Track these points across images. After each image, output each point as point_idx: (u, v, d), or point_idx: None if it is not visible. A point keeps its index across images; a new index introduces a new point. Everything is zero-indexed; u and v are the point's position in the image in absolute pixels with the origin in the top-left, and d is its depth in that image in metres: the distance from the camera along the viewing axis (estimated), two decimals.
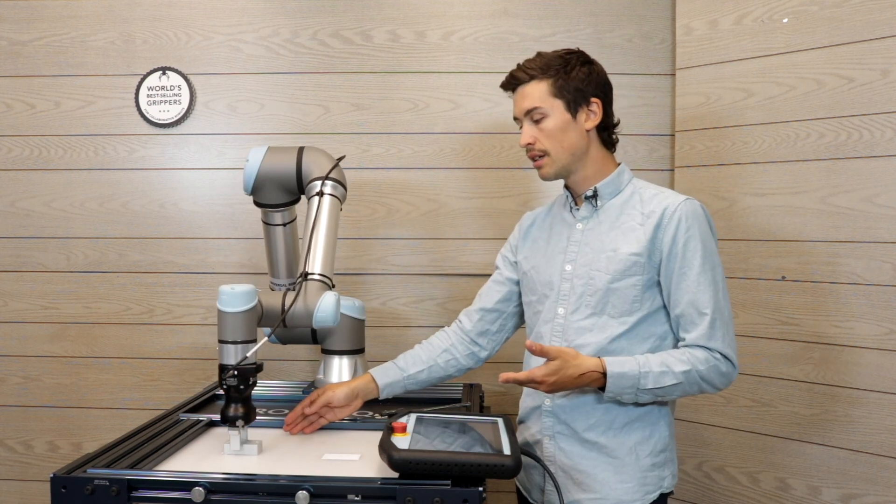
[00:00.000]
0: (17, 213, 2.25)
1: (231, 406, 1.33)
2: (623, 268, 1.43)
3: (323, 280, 1.48)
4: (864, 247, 1.77)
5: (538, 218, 1.65)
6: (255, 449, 1.37)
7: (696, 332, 1.40)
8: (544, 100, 1.45)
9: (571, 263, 1.50)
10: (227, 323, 1.32)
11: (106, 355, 2.25)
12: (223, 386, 1.33)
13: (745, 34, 1.95)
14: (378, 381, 1.56)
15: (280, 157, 1.62)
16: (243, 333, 1.33)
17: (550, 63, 1.46)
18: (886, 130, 1.73)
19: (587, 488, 1.45)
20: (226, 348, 1.32)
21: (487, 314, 1.65)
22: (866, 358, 1.78)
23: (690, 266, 1.41)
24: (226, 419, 1.34)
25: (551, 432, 1.49)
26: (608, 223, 1.49)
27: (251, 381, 1.33)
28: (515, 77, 1.49)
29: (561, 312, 1.49)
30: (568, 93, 1.45)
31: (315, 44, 2.20)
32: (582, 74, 1.46)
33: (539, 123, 1.46)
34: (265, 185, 1.63)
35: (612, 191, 1.51)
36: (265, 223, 1.73)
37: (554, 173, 1.49)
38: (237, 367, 1.31)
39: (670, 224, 1.42)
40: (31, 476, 2.28)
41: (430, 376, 1.62)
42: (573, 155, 1.48)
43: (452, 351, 1.64)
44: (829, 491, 1.84)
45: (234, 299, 1.32)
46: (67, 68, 2.23)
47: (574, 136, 1.47)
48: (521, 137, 1.50)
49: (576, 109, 1.46)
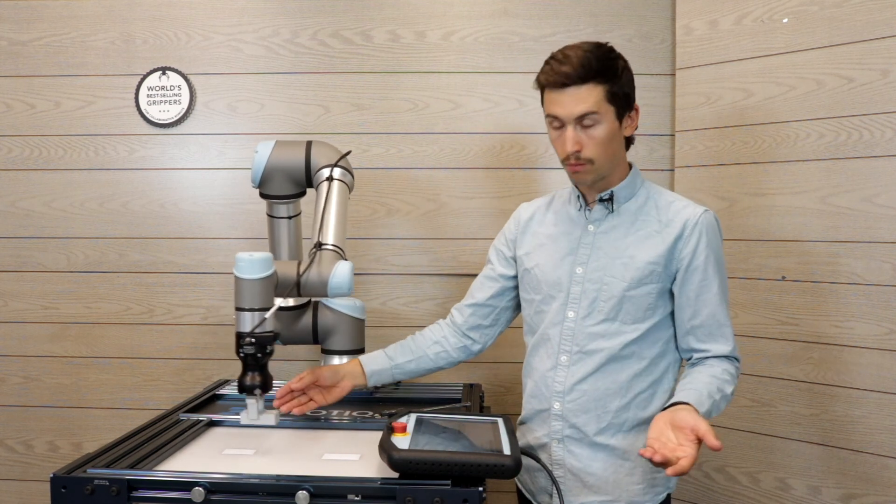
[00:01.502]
0: (17, 213, 2.25)
1: (248, 374, 1.33)
2: (640, 276, 1.42)
3: (336, 250, 1.49)
4: (864, 247, 1.77)
5: (537, 212, 1.60)
6: (272, 417, 1.37)
7: (722, 346, 1.43)
8: (600, 105, 1.35)
9: (583, 266, 1.47)
10: (244, 289, 1.32)
11: (106, 355, 2.25)
12: (240, 354, 1.33)
13: (745, 34, 1.95)
14: (365, 368, 1.56)
15: (289, 150, 1.65)
16: (260, 300, 1.33)
17: (605, 65, 1.36)
18: (886, 130, 1.73)
19: (598, 490, 1.45)
20: (242, 315, 1.33)
21: (479, 309, 1.62)
22: (866, 358, 1.78)
23: (712, 280, 1.42)
24: (243, 388, 1.33)
25: (560, 436, 1.48)
26: (623, 228, 1.46)
27: (268, 350, 1.34)
28: (567, 76, 1.34)
29: (571, 316, 1.47)
30: (620, 99, 1.38)
31: (315, 44, 2.20)
32: (627, 78, 1.40)
33: (589, 129, 1.37)
34: (273, 176, 1.65)
35: (628, 194, 1.48)
36: (270, 216, 1.74)
37: (592, 180, 1.43)
38: (253, 333, 1.31)
39: (692, 237, 1.42)
40: (31, 476, 2.28)
41: (418, 367, 1.61)
42: (613, 163, 1.42)
43: (443, 343, 1.62)
44: (829, 491, 1.84)
45: (252, 266, 1.32)
46: (67, 68, 2.23)
47: (618, 144, 1.42)
48: (565, 142, 1.38)
49: (622, 117, 1.40)
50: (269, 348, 1.34)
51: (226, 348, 2.23)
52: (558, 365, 1.47)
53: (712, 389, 1.36)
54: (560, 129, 1.39)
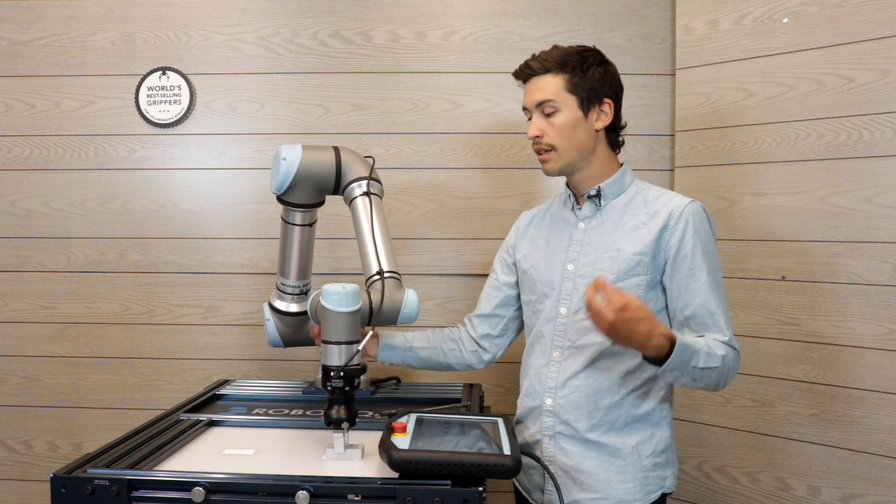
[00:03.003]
0: (17, 213, 2.25)
1: (334, 408, 1.31)
2: (627, 267, 1.44)
3: (395, 276, 1.46)
4: (864, 247, 1.77)
5: (536, 217, 1.65)
6: (358, 454, 1.33)
7: (717, 335, 1.42)
8: (558, 94, 1.45)
9: (573, 263, 1.50)
10: (334, 323, 1.29)
11: (106, 355, 2.25)
12: (327, 388, 1.31)
13: (745, 34, 1.95)
14: (381, 340, 1.60)
15: (318, 156, 1.55)
16: (348, 334, 1.30)
17: (568, 58, 1.45)
18: (886, 130, 1.73)
19: (588, 488, 1.45)
20: (330, 349, 1.30)
21: (487, 319, 1.67)
22: (866, 358, 1.78)
23: (700, 268, 1.42)
24: (330, 421, 1.31)
25: (552, 432, 1.49)
26: (611, 223, 1.49)
27: (356, 383, 1.32)
28: (530, 67, 1.47)
29: (563, 312, 1.49)
30: (582, 90, 1.45)
31: (315, 44, 2.20)
32: (598, 74, 1.46)
33: (550, 117, 1.46)
34: (300, 184, 1.54)
35: (616, 191, 1.51)
36: (284, 221, 1.67)
37: (558, 169, 1.49)
38: (344, 367, 1.29)
39: (677, 226, 1.43)
40: (31, 476, 2.28)
41: (430, 356, 1.66)
42: (580, 153, 1.48)
43: (459, 343, 1.67)
44: (829, 491, 1.84)
45: (344, 299, 1.29)
46: (67, 68, 2.23)
47: (583, 135, 1.47)
48: (529, 129, 1.48)
49: (588, 108, 1.46)
50: (356, 381, 1.31)
51: (226, 348, 2.23)
52: (551, 361, 1.49)
53: (700, 341, 1.35)
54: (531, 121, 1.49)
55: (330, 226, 2.15)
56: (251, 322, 2.22)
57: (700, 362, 1.33)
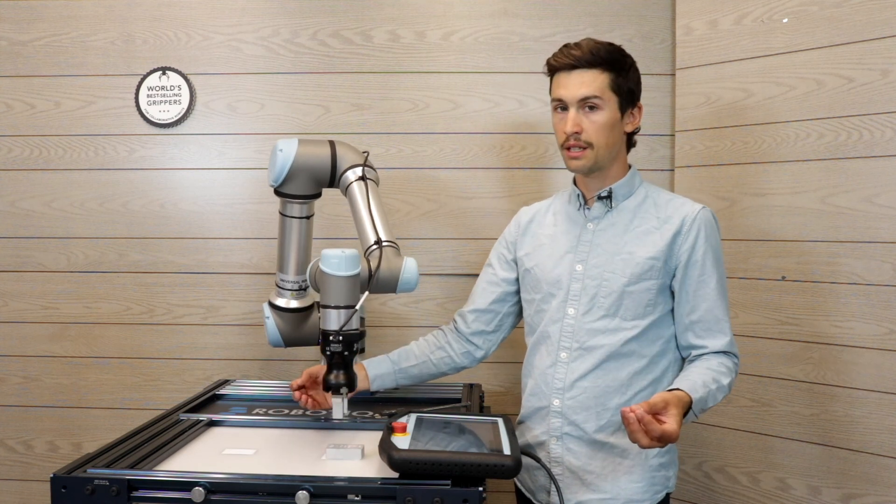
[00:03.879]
0: (17, 213, 2.25)
1: (333, 372, 1.32)
2: (640, 271, 1.44)
3: (394, 245, 1.47)
4: (864, 247, 1.77)
5: (538, 213, 1.62)
6: (358, 453, 1.33)
7: (721, 340, 1.44)
8: (604, 91, 1.42)
9: (582, 263, 1.49)
10: (333, 287, 1.30)
11: (106, 355, 2.25)
12: (326, 352, 1.31)
13: (745, 34, 1.95)
14: (369, 372, 1.58)
15: (314, 149, 1.59)
16: (347, 298, 1.31)
17: (613, 56, 1.43)
18: (886, 130, 1.73)
19: (597, 489, 1.45)
20: (328, 313, 1.31)
21: (482, 315, 1.64)
22: (866, 358, 1.78)
23: (710, 275, 1.44)
24: (329, 386, 1.32)
25: (559, 433, 1.48)
26: (622, 225, 1.48)
27: (355, 348, 1.32)
28: (576, 58, 1.41)
29: (571, 313, 1.48)
30: (624, 91, 1.44)
31: (315, 44, 2.20)
32: (635, 77, 1.46)
33: (591, 114, 1.42)
34: (297, 175, 1.58)
35: (626, 192, 1.51)
36: (282, 214, 1.69)
37: (588, 167, 1.46)
38: (341, 331, 1.30)
39: (690, 232, 1.43)
40: (31, 476, 2.28)
41: (421, 372, 1.63)
42: (610, 153, 1.46)
43: (447, 349, 1.64)
44: (829, 491, 1.84)
45: (343, 263, 1.30)
46: (67, 68, 2.23)
47: (617, 136, 1.46)
48: (564, 123, 1.43)
49: (625, 110, 1.45)
50: (356, 346, 1.32)
51: (226, 348, 2.23)
52: (558, 361, 1.48)
53: (707, 379, 1.37)
54: (563, 113, 1.45)
55: (329, 226, 2.15)
56: (251, 322, 2.22)
57: (709, 402, 1.37)
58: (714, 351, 1.45)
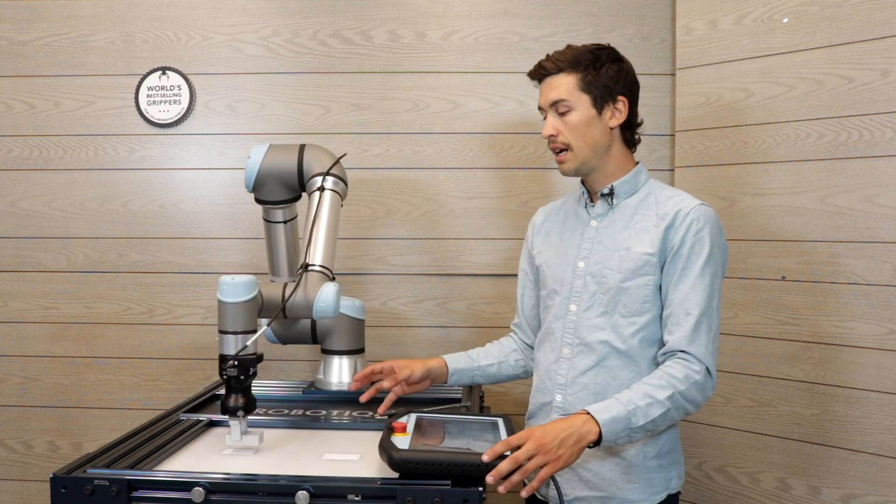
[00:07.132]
0: (17, 213, 2.25)
1: (231, 396, 1.33)
2: (635, 267, 1.43)
3: (323, 271, 1.48)
4: (864, 247, 1.77)
5: (551, 213, 1.65)
6: (256, 439, 1.37)
7: (678, 334, 1.38)
8: (571, 93, 1.45)
9: (584, 260, 1.50)
10: (227, 313, 1.32)
11: (106, 355, 2.25)
12: (223, 376, 1.33)
13: (745, 34, 1.95)
14: (449, 366, 1.61)
15: (281, 154, 1.63)
16: (243, 324, 1.33)
17: (581, 57, 1.45)
18: (886, 130, 1.73)
19: (594, 487, 1.45)
20: (226, 339, 1.33)
21: (533, 321, 1.68)
22: (866, 358, 1.77)
23: (692, 268, 1.40)
24: (226, 410, 1.34)
25: None
26: (622, 222, 1.49)
27: (251, 372, 1.33)
28: (544, 67, 1.48)
29: (573, 309, 1.49)
30: (596, 89, 1.45)
31: (315, 44, 2.20)
32: (611, 72, 1.46)
33: (564, 116, 1.46)
34: (267, 181, 1.63)
35: (629, 189, 1.51)
36: (266, 220, 1.73)
37: (574, 169, 1.48)
38: (237, 356, 1.31)
39: (681, 226, 1.42)
40: (31, 476, 2.28)
41: (499, 371, 1.68)
42: (595, 151, 1.47)
43: (520, 353, 1.69)
44: (829, 491, 1.84)
45: (235, 289, 1.32)
46: (67, 68, 2.23)
47: (597, 133, 1.47)
48: (544, 128, 1.49)
49: (602, 106, 1.46)
50: (252, 370, 1.34)
51: None
52: (561, 357, 1.50)
53: (633, 395, 1.32)
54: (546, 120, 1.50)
55: None
56: None
57: (640, 419, 1.30)
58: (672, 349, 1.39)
